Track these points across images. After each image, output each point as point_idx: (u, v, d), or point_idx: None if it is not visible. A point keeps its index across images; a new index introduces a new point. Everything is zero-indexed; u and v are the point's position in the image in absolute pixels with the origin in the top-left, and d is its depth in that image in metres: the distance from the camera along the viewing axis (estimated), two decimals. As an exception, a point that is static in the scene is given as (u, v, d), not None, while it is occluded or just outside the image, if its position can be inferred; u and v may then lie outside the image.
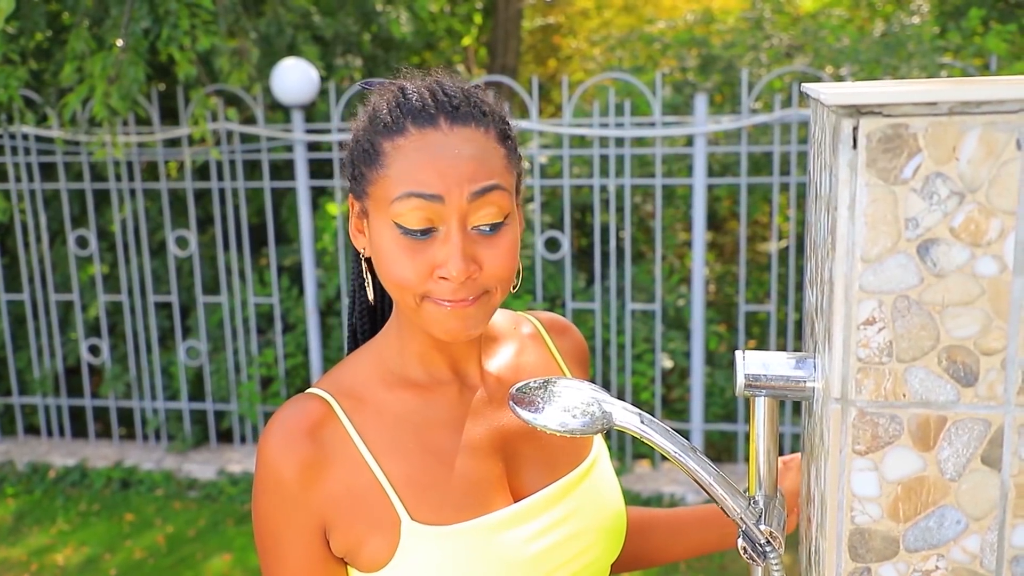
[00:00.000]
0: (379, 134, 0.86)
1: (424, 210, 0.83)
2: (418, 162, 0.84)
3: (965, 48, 4.41)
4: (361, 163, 0.88)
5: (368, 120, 0.89)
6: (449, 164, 0.84)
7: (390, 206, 0.84)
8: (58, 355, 4.56)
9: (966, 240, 0.59)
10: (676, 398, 4.56)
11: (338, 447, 0.90)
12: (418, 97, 0.87)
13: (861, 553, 0.64)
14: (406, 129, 0.85)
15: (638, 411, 0.84)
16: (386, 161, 0.85)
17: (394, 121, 0.86)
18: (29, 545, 3.79)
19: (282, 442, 0.89)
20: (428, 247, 0.84)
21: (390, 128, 0.86)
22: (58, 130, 4.17)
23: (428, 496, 0.90)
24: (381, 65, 5.74)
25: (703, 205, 3.91)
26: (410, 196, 0.83)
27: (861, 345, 0.62)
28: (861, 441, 0.63)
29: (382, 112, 0.87)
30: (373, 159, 0.86)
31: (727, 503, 0.81)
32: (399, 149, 0.85)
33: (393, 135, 0.85)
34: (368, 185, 0.87)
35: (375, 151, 0.86)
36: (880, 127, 0.59)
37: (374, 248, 0.88)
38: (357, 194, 0.90)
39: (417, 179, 0.83)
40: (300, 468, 0.88)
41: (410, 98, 0.87)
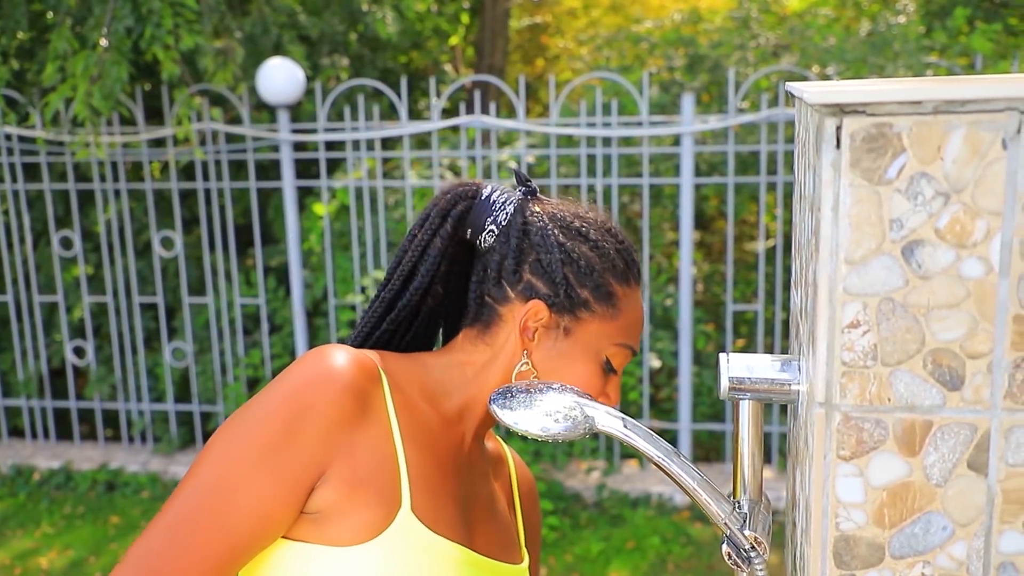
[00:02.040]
0: (613, 275, 0.97)
1: (624, 360, 0.99)
2: (636, 319, 0.99)
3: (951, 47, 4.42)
4: (586, 289, 0.95)
5: (593, 252, 0.96)
6: (643, 326, 1.02)
7: (611, 346, 0.96)
8: (42, 357, 4.52)
9: (951, 241, 0.58)
10: (664, 398, 4.55)
11: (377, 406, 0.89)
12: (629, 247, 1.00)
13: (846, 560, 0.63)
14: (632, 283, 0.99)
15: (621, 415, 0.83)
16: (619, 305, 0.97)
17: (626, 271, 0.98)
18: (13, 549, 3.76)
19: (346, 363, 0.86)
20: (606, 380, 0.98)
21: (623, 275, 0.98)
22: (41, 130, 4.13)
23: (432, 499, 0.90)
24: (368, 65, 5.72)
25: (690, 205, 3.90)
26: (629, 349, 0.98)
27: (845, 348, 0.61)
28: (846, 446, 0.62)
29: (614, 255, 0.97)
30: (606, 297, 0.96)
31: (711, 508, 0.80)
32: (628, 299, 0.98)
33: (625, 283, 0.98)
34: (588, 314, 0.95)
35: (609, 290, 0.96)
36: (864, 126, 0.58)
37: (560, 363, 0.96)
38: (560, 308, 0.95)
39: (636, 335, 0.99)
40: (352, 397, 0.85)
41: (625, 244, 0.99)
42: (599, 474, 4.10)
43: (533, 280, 0.95)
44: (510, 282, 0.96)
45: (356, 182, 4.15)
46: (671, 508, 3.93)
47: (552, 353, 0.96)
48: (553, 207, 0.99)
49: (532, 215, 0.97)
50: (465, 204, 0.98)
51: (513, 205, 0.97)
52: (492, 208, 0.97)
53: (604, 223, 0.99)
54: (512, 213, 0.97)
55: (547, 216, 0.97)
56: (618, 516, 3.87)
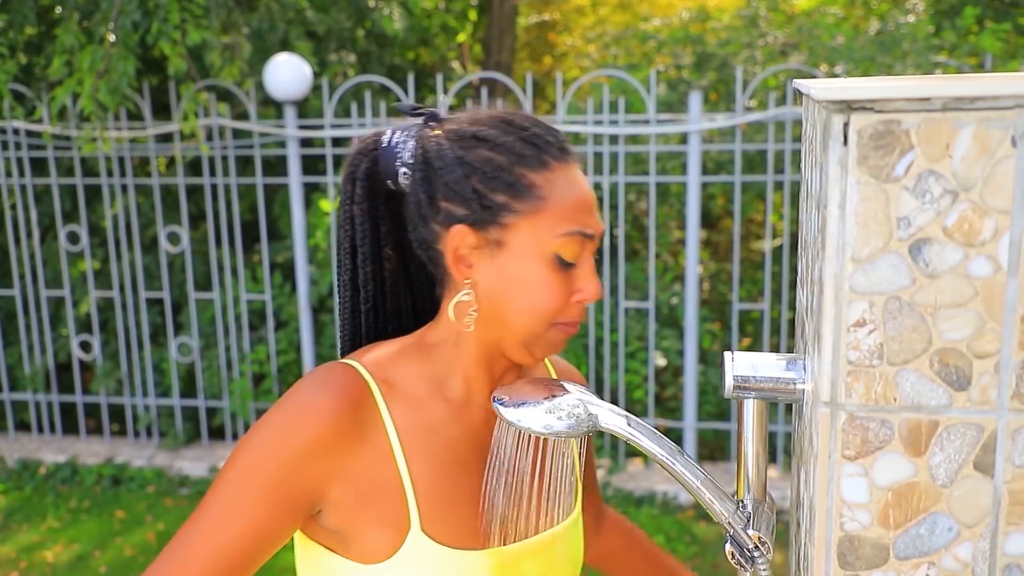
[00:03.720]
0: (522, 166, 0.88)
1: (582, 247, 0.89)
2: (574, 199, 0.89)
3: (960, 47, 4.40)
4: (499, 192, 0.88)
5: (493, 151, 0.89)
6: (590, 201, 0.91)
7: (553, 239, 0.87)
8: (49, 351, 4.53)
9: (959, 240, 0.58)
10: (669, 396, 4.54)
11: (371, 430, 0.88)
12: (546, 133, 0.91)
13: (850, 560, 0.63)
14: (551, 163, 0.89)
15: (625, 414, 0.82)
16: (541, 194, 0.88)
17: (537, 153, 0.89)
18: (19, 542, 3.77)
19: (327, 398, 0.86)
20: (570, 276, 0.89)
21: (535, 160, 0.88)
22: (48, 125, 4.13)
23: (445, 512, 0.89)
24: (375, 61, 5.72)
25: (697, 203, 3.89)
26: (577, 235, 0.88)
27: (851, 347, 0.60)
28: (851, 446, 0.61)
29: (516, 143, 0.89)
30: (522, 191, 0.87)
31: (715, 507, 0.80)
32: (550, 183, 0.88)
33: (540, 168, 0.88)
34: (512, 216, 0.88)
35: (524, 183, 0.88)
36: (871, 123, 0.57)
37: (507, 277, 0.89)
38: (482, 223, 0.88)
39: (578, 217, 0.89)
40: (323, 439, 0.85)
41: (540, 134, 0.90)
42: (604, 472, 4.09)
43: (448, 206, 0.89)
44: (431, 217, 0.91)
45: (362, 178, 4.14)
46: (676, 507, 3.92)
47: (495, 273, 0.89)
48: (451, 123, 0.92)
49: (428, 141, 0.91)
50: (369, 159, 0.95)
51: (413, 139, 0.93)
52: (396, 151, 0.93)
53: (503, 117, 0.91)
54: (413, 148, 0.92)
55: (443, 136, 0.91)
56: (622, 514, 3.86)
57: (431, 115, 0.94)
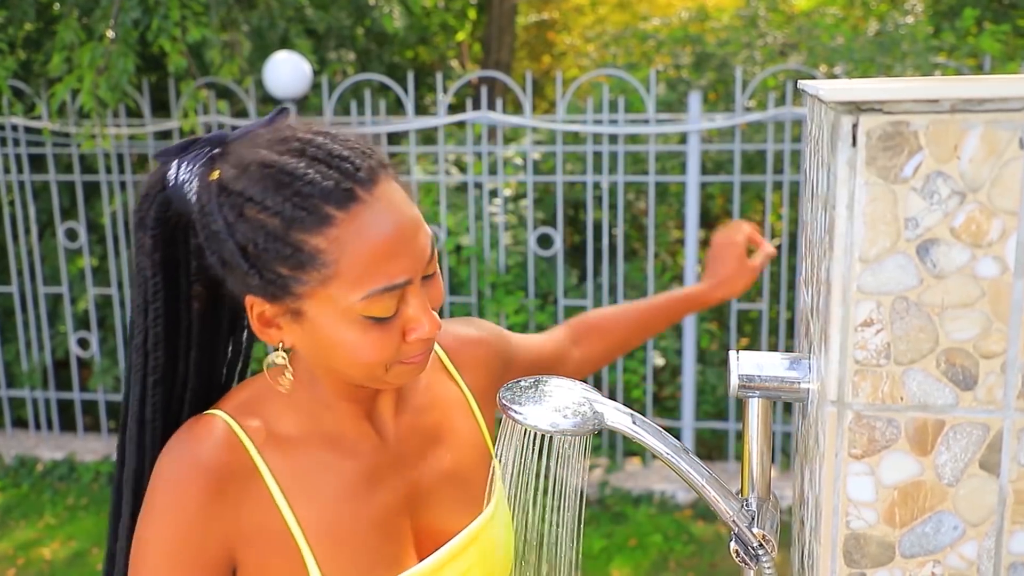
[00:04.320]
0: (298, 230, 0.75)
1: (395, 298, 0.80)
2: (369, 252, 0.77)
3: (959, 48, 4.41)
4: (279, 264, 0.77)
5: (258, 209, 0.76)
6: (398, 239, 0.78)
7: (354, 305, 0.78)
8: (47, 348, 4.53)
9: (967, 241, 0.58)
10: (667, 396, 4.55)
11: (248, 481, 0.84)
12: (317, 170, 0.76)
13: (856, 559, 0.63)
14: (332, 218, 0.76)
15: (630, 411, 0.83)
16: (328, 259, 0.76)
17: (310, 211, 0.75)
18: (16, 539, 3.77)
19: (187, 468, 0.82)
20: (395, 320, 0.81)
21: (309, 221, 0.75)
22: (47, 121, 4.13)
23: (341, 551, 0.86)
24: (374, 60, 5.72)
25: (696, 203, 3.90)
26: (382, 293, 0.78)
27: (858, 347, 0.61)
28: (857, 445, 0.62)
29: (282, 204, 0.75)
30: (305, 260, 0.76)
31: (719, 505, 0.80)
32: (338, 242, 0.76)
33: (319, 227, 0.75)
34: (303, 286, 0.78)
35: (305, 251, 0.76)
36: (880, 124, 0.57)
37: (320, 341, 0.82)
38: (277, 296, 0.79)
39: (381, 272, 0.77)
40: (208, 498, 0.81)
41: (306, 177, 0.76)
42: (602, 471, 4.10)
43: (235, 274, 0.80)
44: (227, 278, 0.82)
45: (362, 177, 4.14)
46: (673, 506, 3.93)
47: (307, 337, 0.82)
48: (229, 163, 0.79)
49: (204, 191, 0.80)
50: (159, 202, 0.84)
51: (196, 179, 0.81)
52: (184, 191, 0.82)
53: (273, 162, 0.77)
54: (196, 192, 0.81)
55: (217, 186, 0.79)
56: (620, 513, 3.87)
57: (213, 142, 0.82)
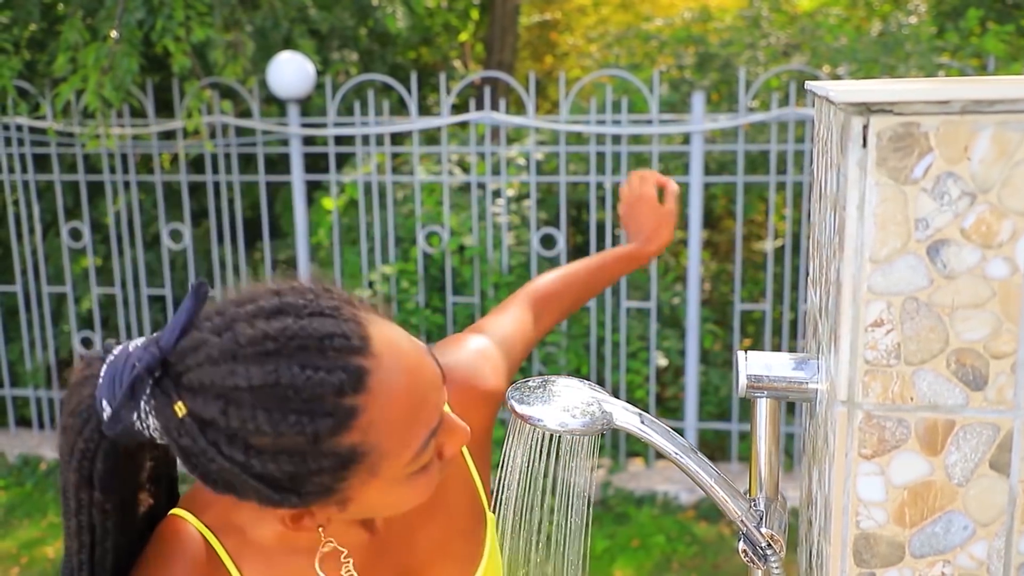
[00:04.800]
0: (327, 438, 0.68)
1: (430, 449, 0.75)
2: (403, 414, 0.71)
3: (963, 49, 4.41)
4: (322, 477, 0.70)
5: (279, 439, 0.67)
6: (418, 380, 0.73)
7: (405, 470, 0.73)
8: (50, 347, 4.53)
9: (977, 241, 0.58)
10: (670, 396, 4.55)
11: None
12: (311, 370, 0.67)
13: (866, 558, 0.63)
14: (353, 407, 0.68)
15: (638, 411, 0.83)
16: (368, 449, 0.70)
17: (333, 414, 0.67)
18: (19, 538, 3.77)
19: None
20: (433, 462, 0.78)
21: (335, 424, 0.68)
22: (51, 121, 4.14)
23: None
24: (377, 60, 5.72)
25: (699, 203, 3.90)
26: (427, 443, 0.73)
27: (869, 347, 0.61)
28: (867, 445, 0.62)
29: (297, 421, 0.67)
30: (347, 462, 0.70)
31: (728, 505, 0.80)
32: (371, 426, 0.69)
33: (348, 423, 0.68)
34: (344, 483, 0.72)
35: (343, 454, 0.69)
36: (891, 126, 0.58)
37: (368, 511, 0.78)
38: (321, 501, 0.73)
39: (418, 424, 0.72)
40: None
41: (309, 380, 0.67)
42: (604, 472, 4.10)
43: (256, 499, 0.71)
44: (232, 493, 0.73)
45: (365, 177, 4.15)
46: (676, 507, 3.93)
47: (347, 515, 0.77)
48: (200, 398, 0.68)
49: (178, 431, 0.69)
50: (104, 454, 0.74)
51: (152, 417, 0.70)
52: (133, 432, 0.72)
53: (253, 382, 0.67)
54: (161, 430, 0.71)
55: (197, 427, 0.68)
56: (623, 514, 3.87)
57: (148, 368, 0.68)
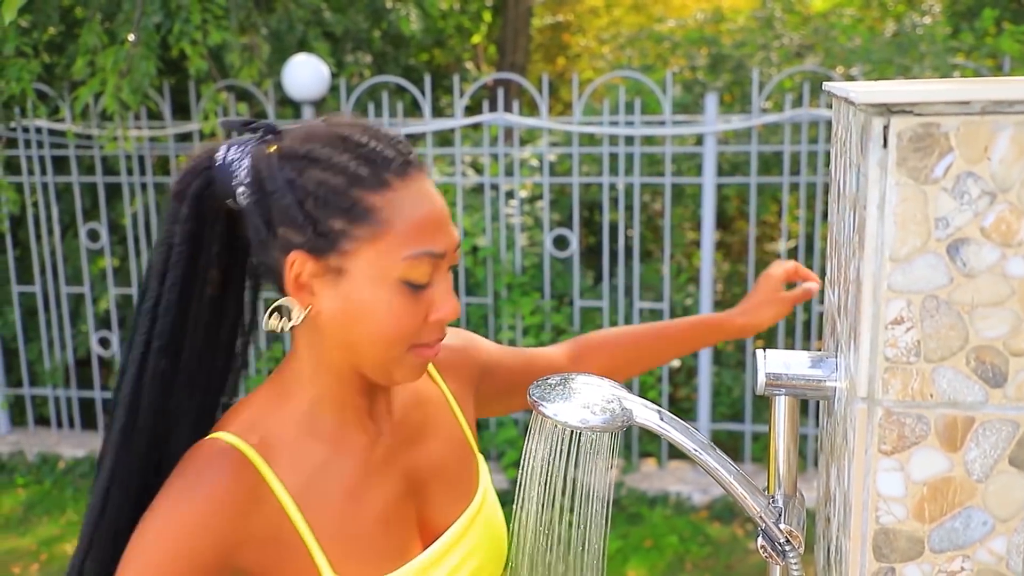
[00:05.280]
0: (359, 187, 0.83)
1: (431, 267, 0.85)
2: (419, 217, 0.84)
3: (978, 49, 4.39)
4: (335, 218, 0.83)
5: (326, 172, 0.83)
6: (440, 215, 0.86)
7: (397, 264, 0.83)
8: (69, 347, 4.58)
9: (997, 240, 0.59)
10: (683, 397, 4.55)
11: (260, 499, 0.85)
12: (385, 147, 0.85)
13: (886, 553, 0.64)
14: (391, 181, 0.84)
15: (658, 408, 0.84)
16: (381, 216, 0.83)
17: (375, 171, 0.83)
18: (39, 535, 3.81)
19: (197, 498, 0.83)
20: (422, 295, 0.86)
21: (372, 181, 0.83)
22: (70, 123, 4.18)
23: (352, 548, 0.88)
24: (390, 62, 5.75)
25: (712, 204, 3.90)
26: (423, 255, 0.84)
27: (889, 345, 0.62)
28: (887, 441, 0.63)
29: (351, 163, 0.83)
30: (360, 215, 0.82)
31: (747, 501, 0.81)
32: (392, 203, 0.83)
33: (379, 188, 0.83)
34: (351, 242, 0.83)
35: (362, 207, 0.82)
36: (911, 126, 0.58)
37: (353, 305, 0.85)
38: (320, 251, 0.84)
39: (425, 236, 0.84)
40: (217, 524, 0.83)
41: (377, 150, 0.84)
42: (617, 472, 4.11)
43: (285, 232, 0.84)
44: (270, 243, 0.85)
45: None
46: (689, 507, 3.93)
47: (339, 301, 0.85)
48: (287, 139, 0.86)
49: (261, 160, 0.85)
50: (203, 178, 0.88)
51: (248, 158, 0.86)
52: (231, 169, 0.86)
53: (340, 132, 0.85)
54: (248, 167, 0.85)
55: (277, 154, 0.84)
56: (636, 515, 3.87)
57: (267, 129, 0.87)
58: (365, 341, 0.86)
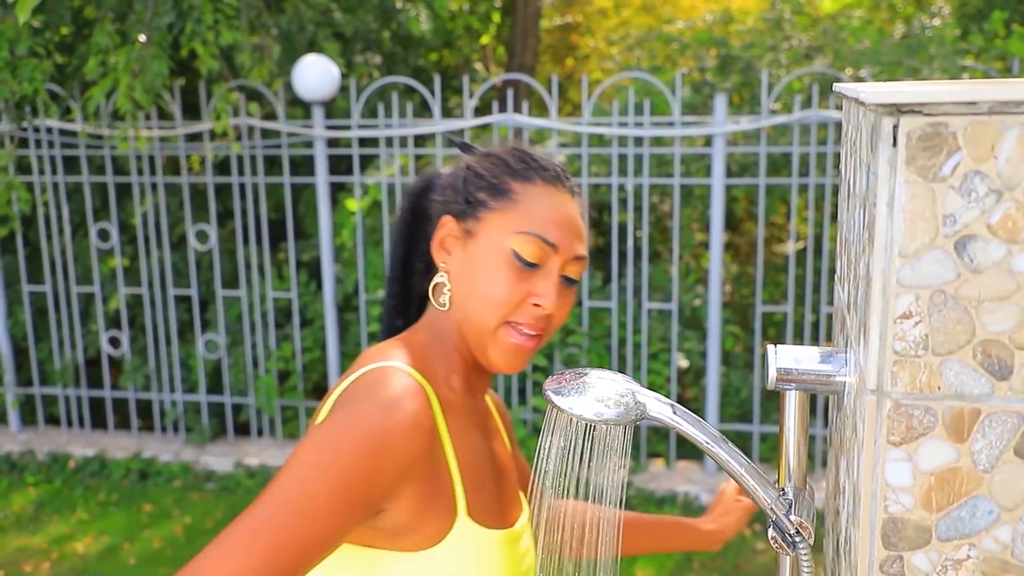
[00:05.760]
0: (508, 174, 1.00)
1: (541, 250, 0.97)
2: (544, 209, 0.98)
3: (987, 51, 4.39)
4: (482, 191, 1.00)
5: (491, 162, 1.02)
6: (567, 223, 1.00)
7: (512, 235, 0.97)
8: (79, 346, 4.61)
9: (1003, 237, 0.61)
10: (691, 398, 4.56)
11: (435, 433, 0.94)
12: (545, 161, 1.03)
13: (894, 542, 0.66)
14: (535, 179, 1.00)
15: (671, 402, 0.86)
16: (515, 197, 0.99)
17: (525, 169, 1.01)
18: (50, 533, 3.84)
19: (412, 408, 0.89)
20: (529, 278, 0.97)
21: (521, 173, 1.00)
22: (81, 124, 4.21)
23: (481, 496, 0.97)
24: (399, 63, 5.77)
25: (721, 205, 3.91)
26: (535, 236, 0.97)
27: (897, 338, 0.63)
28: (896, 432, 0.64)
29: (511, 159, 1.02)
30: (500, 192, 0.99)
31: (758, 494, 0.83)
32: (528, 192, 0.99)
33: (523, 180, 1.00)
34: (486, 211, 0.99)
35: (503, 187, 0.99)
36: (920, 126, 0.60)
37: (472, 265, 0.99)
38: (463, 215, 1.01)
39: (543, 224, 0.97)
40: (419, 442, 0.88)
41: (537, 158, 1.02)
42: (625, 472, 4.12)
43: (444, 201, 1.04)
44: (435, 213, 1.05)
45: (389, 178, 4.19)
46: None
47: (464, 261, 1.00)
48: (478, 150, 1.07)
49: (455, 162, 1.07)
50: (423, 182, 1.10)
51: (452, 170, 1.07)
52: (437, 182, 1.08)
53: (513, 147, 1.05)
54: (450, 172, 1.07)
55: (464, 163, 1.05)
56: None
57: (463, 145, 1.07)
58: (473, 298, 0.98)
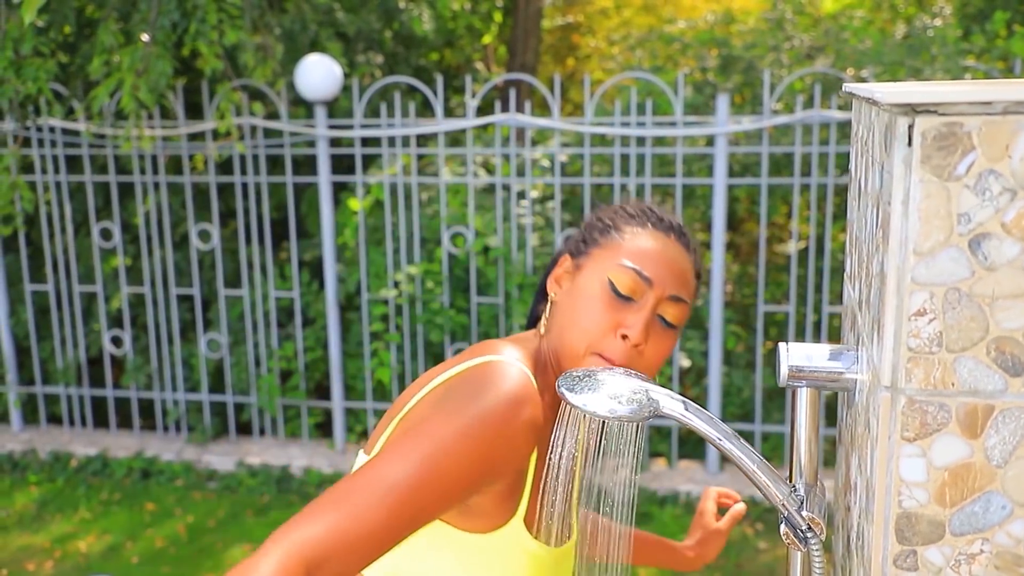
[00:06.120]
0: (622, 219, 1.10)
1: (635, 283, 1.03)
2: (645, 249, 1.06)
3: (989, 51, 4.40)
4: (595, 232, 1.10)
5: (613, 210, 1.13)
6: (666, 263, 1.06)
7: (611, 267, 1.04)
8: (81, 346, 4.62)
9: (1017, 235, 0.61)
10: (693, 397, 4.57)
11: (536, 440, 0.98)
12: (662, 213, 1.12)
13: (908, 536, 0.66)
14: (645, 225, 1.09)
15: (683, 399, 0.86)
16: (621, 237, 1.07)
17: (640, 216, 1.10)
18: (52, 532, 3.85)
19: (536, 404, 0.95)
20: (621, 309, 1.02)
21: (635, 219, 1.10)
22: (85, 123, 4.22)
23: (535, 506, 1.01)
24: (401, 62, 5.78)
25: (723, 205, 3.92)
26: (631, 269, 1.03)
27: (912, 335, 0.64)
28: (910, 428, 0.65)
29: (631, 208, 1.12)
30: (610, 231, 1.08)
31: (769, 489, 0.84)
32: (636, 234, 1.08)
33: (634, 224, 1.09)
34: (595, 247, 1.08)
35: (614, 227, 1.09)
36: (935, 125, 0.61)
37: (574, 294, 1.06)
38: (577, 253, 1.10)
39: (641, 259, 1.04)
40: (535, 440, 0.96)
41: (655, 210, 1.12)
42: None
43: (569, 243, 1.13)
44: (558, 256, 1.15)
45: (391, 178, 4.20)
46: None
47: (569, 289, 1.07)
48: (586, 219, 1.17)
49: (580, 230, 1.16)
50: None
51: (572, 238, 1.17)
52: None
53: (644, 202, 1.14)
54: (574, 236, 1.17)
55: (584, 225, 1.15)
56: (646, 514, 3.89)
57: None
58: (567, 323, 1.04)
